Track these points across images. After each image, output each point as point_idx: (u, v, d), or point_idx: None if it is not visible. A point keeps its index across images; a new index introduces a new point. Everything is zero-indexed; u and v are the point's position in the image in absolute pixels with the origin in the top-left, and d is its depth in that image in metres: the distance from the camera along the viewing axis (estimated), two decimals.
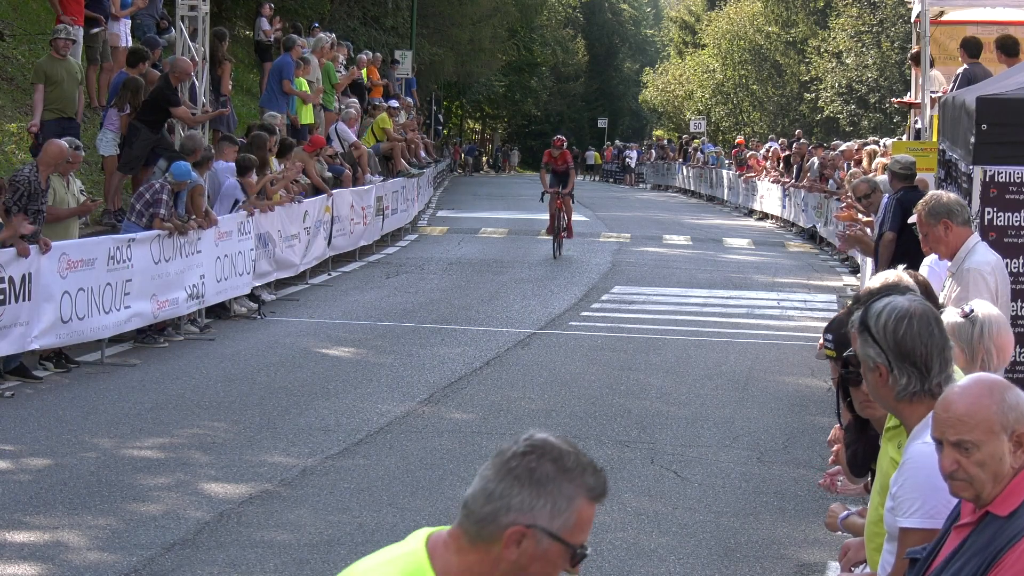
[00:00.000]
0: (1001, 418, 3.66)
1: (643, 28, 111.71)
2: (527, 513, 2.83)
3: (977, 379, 3.81)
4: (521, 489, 2.83)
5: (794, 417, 13.02)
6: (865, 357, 4.35)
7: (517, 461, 2.85)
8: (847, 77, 63.91)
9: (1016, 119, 9.44)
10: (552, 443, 2.88)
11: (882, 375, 4.30)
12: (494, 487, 2.86)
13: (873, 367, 4.33)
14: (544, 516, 2.83)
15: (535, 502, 2.82)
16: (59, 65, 17.55)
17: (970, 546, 3.69)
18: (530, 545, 2.83)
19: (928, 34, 16.86)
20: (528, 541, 2.83)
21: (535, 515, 2.82)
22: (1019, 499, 3.61)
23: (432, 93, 61.50)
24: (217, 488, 10.03)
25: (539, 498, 2.82)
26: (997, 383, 3.76)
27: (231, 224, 17.92)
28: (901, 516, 4.22)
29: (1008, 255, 9.17)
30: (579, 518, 2.85)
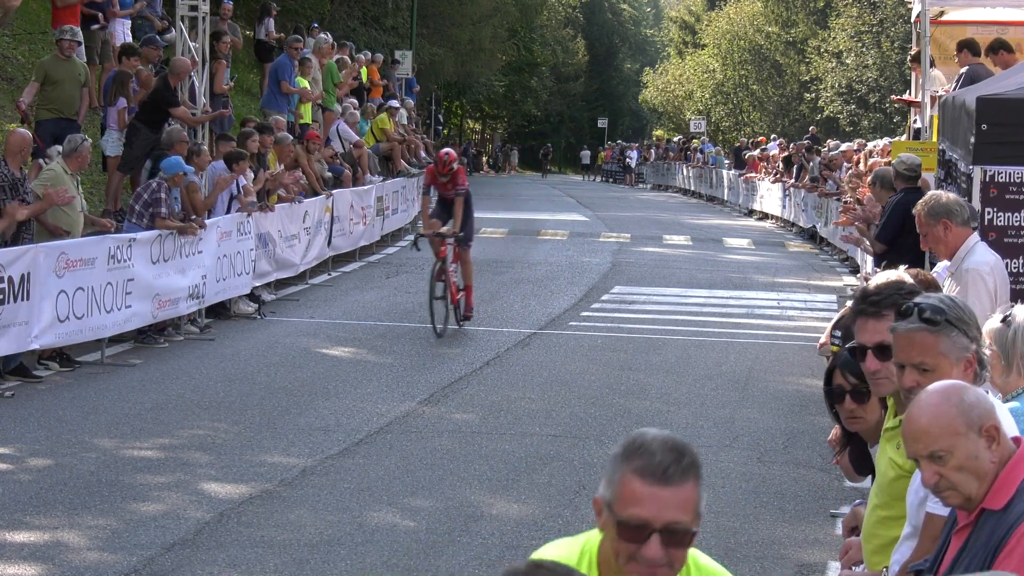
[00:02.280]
0: (964, 419, 3.67)
1: (643, 28, 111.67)
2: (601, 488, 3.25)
3: (932, 389, 3.82)
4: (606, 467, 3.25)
5: (794, 417, 13.02)
6: (955, 350, 4.33)
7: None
8: (847, 77, 63.91)
9: (1016, 119, 9.44)
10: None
11: (971, 364, 4.33)
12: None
13: (963, 358, 4.34)
14: (603, 488, 3.22)
15: (605, 477, 3.23)
16: (62, 65, 17.55)
17: (972, 546, 3.69)
18: (601, 517, 3.23)
19: (928, 34, 16.85)
20: (603, 512, 3.22)
21: (601, 488, 3.23)
22: (1011, 490, 3.62)
23: (432, 93, 61.48)
24: (217, 488, 10.03)
25: (606, 474, 3.23)
26: (952, 387, 3.77)
27: (231, 224, 17.92)
28: (933, 502, 4.21)
29: (1008, 255, 9.17)
30: (625, 491, 3.15)
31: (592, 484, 10.44)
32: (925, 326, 4.34)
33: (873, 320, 4.74)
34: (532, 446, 11.57)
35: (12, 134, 14.10)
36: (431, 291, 16.82)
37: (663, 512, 3.11)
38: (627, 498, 3.13)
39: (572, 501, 9.99)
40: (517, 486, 10.36)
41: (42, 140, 17.36)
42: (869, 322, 4.77)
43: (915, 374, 4.34)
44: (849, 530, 5.60)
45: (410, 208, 31.61)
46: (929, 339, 4.34)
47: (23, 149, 13.88)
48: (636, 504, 3.12)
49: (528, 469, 10.85)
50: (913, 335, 4.35)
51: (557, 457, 11.22)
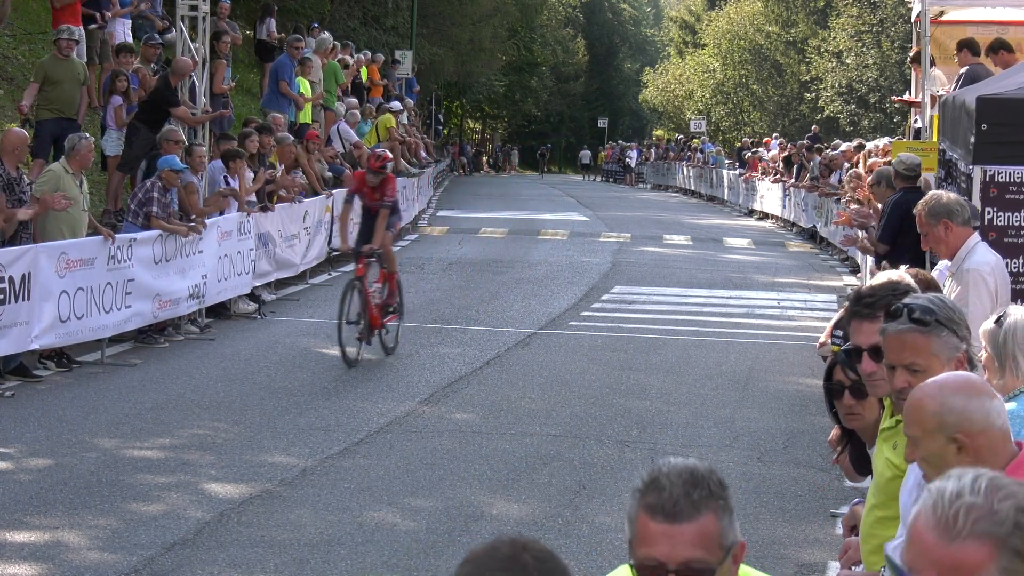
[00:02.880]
0: (938, 419, 3.64)
1: (643, 28, 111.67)
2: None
3: (939, 377, 3.81)
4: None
5: (794, 417, 13.02)
6: (946, 350, 4.32)
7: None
8: (847, 77, 63.93)
9: (1016, 119, 9.44)
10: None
11: (962, 363, 4.31)
12: None
13: (954, 357, 4.33)
14: (627, 525, 3.09)
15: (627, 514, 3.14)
16: (61, 65, 17.54)
17: None
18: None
19: (928, 34, 16.85)
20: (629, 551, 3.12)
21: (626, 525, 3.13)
22: None
23: (432, 93, 61.49)
24: (217, 488, 10.03)
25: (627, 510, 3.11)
26: (950, 383, 3.73)
27: (231, 224, 17.92)
28: None
29: (1008, 255, 9.17)
30: (639, 530, 3.02)
31: (592, 484, 10.44)
32: (915, 326, 4.33)
33: (868, 322, 4.74)
34: (532, 446, 11.57)
35: (8, 133, 14.09)
36: (340, 312, 14.88)
37: (677, 551, 2.93)
38: (640, 538, 2.98)
39: (572, 501, 9.99)
40: (517, 486, 10.36)
41: (42, 140, 17.39)
42: (864, 324, 4.77)
43: (906, 375, 4.34)
44: (848, 529, 5.60)
45: (410, 208, 31.62)
46: (920, 339, 4.33)
47: (18, 148, 13.85)
48: (649, 544, 2.96)
49: (528, 469, 10.85)
50: (904, 336, 4.34)
51: (557, 457, 11.22)
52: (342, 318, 14.80)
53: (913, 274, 5.46)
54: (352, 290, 15.07)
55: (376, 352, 15.45)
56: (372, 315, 15.12)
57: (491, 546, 2.61)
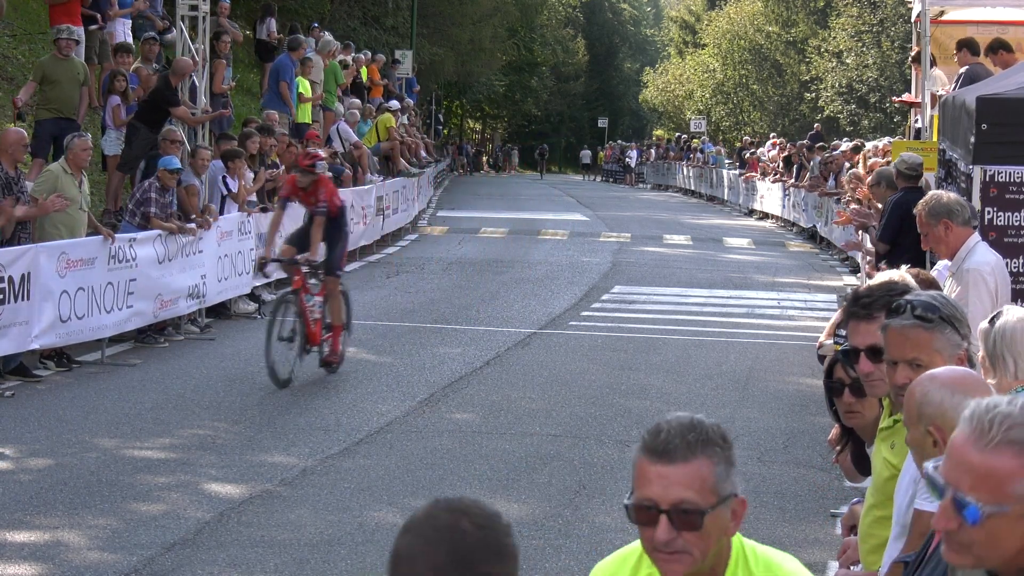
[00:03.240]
0: (918, 409, 3.71)
1: (643, 28, 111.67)
2: None
3: (937, 369, 3.87)
4: None
5: (794, 417, 13.02)
6: (948, 347, 4.34)
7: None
8: (847, 77, 63.93)
9: (1016, 119, 9.44)
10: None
11: (961, 361, 4.32)
12: None
13: (956, 354, 4.34)
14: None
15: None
16: (60, 65, 17.53)
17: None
18: None
19: (928, 34, 16.85)
20: None
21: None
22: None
23: (432, 93, 61.49)
24: (217, 488, 10.03)
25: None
26: (940, 376, 3.78)
27: (231, 224, 17.92)
28: (921, 499, 4.21)
29: (1008, 255, 9.17)
30: (637, 473, 3.08)
31: (592, 484, 10.44)
32: (919, 323, 4.35)
33: (865, 323, 4.75)
34: (532, 446, 11.57)
35: (6, 132, 14.09)
36: (269, 329, 13.45)
37: (669, 491, 3.00)
38: (637, 480, 3.05)
39: (572, 501, 9.99)
40: (517, 486, 10.36)
41: (42, 140, 17.39)
42: (861, 324, 4.77)
43: (908, 370, 4.35)
44: (847, 529, 5.61)
45: (410, 208, 31.63)
46: (924, 335, 4.35)
47: (14, 147, 13.81)
48: (644, 485, 3.03)
49: (528, 469, 10.85)
50: (907, 331, 4.36)
51: (557, 457, 11.22)
52: (271, 334, 13.37)
53: (914, 274, 5.46)
54: (285, 304, 13.85)
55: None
56: (310, 331, 13.86)
57: (429, 514, 2.57)
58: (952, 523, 2.75)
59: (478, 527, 2.49)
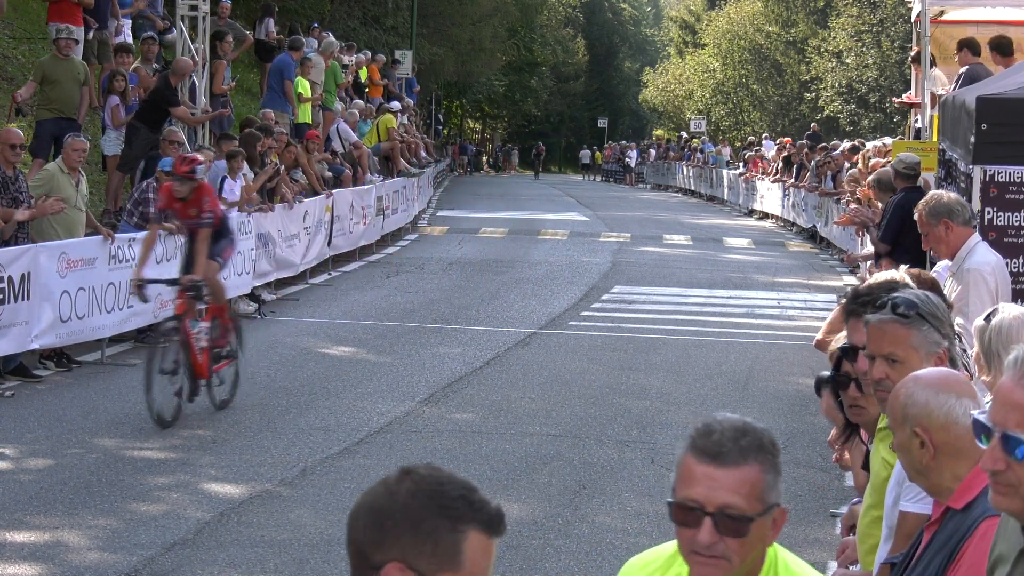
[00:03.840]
0: (903, 410, 3.71)
1: (643, 28, 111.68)
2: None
3: (920, 371, 3.87)
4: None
5: (794, 417, 13.01)
6: (926, 345, 4.34)
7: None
8: (847, 77, 63.94)
9: (1016, 119, 9.45)
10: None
11: (942, 360, 4.32)
12: None
13: (935, 352, 4.34)
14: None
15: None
16: (60, 65, 17.52)
17: (935, 543, 3.72)
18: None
19: (928, 34, 16.85)
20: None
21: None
22: (973, 493, 3.63)
23: (432, 93, 61.49)
24: (217, 488, 10.03)
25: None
26: (924, 377, 3.78)
27: (231, 224, 17.89)
28: (906, 500, 4.21)
29: (1008, 255, 9.17)
30: (682, 472, 3.00)
31: (592, 484, 10.44)
32: (897, 318, 4.38)
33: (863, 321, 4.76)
34: (532, 446, 11.57)
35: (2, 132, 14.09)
36: (150, 360, 11.83)
37: (716, 494, 2.90)
38: (683, 479, 2.95)
39: (572, 501, 9.99)
40: (517, 486, 10.35)
41: (42, 140, 17.37)
42: (859, 323, 4.78)
43: (884, 365, 4.38)
44: (847, 529, 5.61)
45: (410, 208, 31.63)
46: (900, 331, 4.38)
47: (1, 148, 13.74)
48: (690, 485, 2.93)
49: (528, 469, 10.85)
50: (885, 326, 4.40)
51: (557, 457, 11.22)
52: (152, 366, 11.72)
53: (915, 275, 5.46)
54: (167, 332, 12.24)
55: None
56: (196, 362, 12.14)
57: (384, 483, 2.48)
58: (1000, 463, 2.81)
59: (411, 493, 2.41)
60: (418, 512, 2.39)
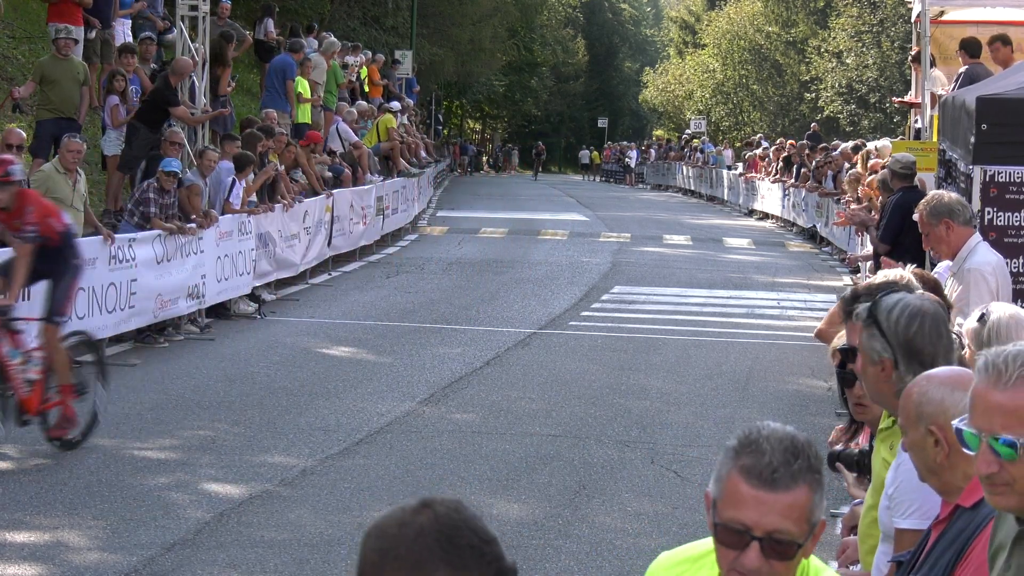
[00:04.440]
0: (916, 409, 3.69)
1: (643, 28, 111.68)
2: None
3: (933, 370, 3.86)
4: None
5: (794, 417, 13.01)
6: (869, 350, 4.33)
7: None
8: (847, 77, 63.94)
9: (1016, 119, 9.45)
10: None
11: (885, 370, 4.29)
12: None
13: (877, 361, 4.31)
14: (712, 483, 2.94)
15: (715, 471, 2.99)
16: (59, 65, 17.50)
17: (944, 540, 3.72)
18: (708, 514, 3.01)
19: (928, 34, 16.85)
20: (710, 510, 3.00)
21: (711, 483, 2.98)
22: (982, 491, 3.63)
23: (432, 93, 61.49)
24: (217, 488, 10.03)
25: (716, 467, 2.97)
26: (938, 375, 3.77)
27: (232, 224, 17.92)
28: (898, 517, 4.21)
29: (1008, 255, 9.17)
30: (729, 491, 2.90)
31: (592, 484, 10.44)
32: (855, 317, 4.44)
33: None
34: (532, 446, 11.57)
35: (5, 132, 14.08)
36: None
37: (766, 519, 2.82)
38: (730, 499, 2.87)
39: (572, 501, 9.99)
40: (517, 486, 10.35)
41: (42, 140, 17.37)
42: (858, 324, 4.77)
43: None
44: (848, 529, 5.61)
45: (410, 208, 31.63)
46: (856, 329, 4.47)
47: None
48: (738, 507, 2.85)
49: (528, 469, 10.85)
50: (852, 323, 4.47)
51: (557, 457, 11.21)
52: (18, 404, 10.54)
53: (917, 275, 5.45)
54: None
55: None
56: (21, 396, 10.60)
57: (400, 510, 2.39)
58: (992, 466, 2.84)
59: (423, 530, 2.33)
60: (423, 552, 2.29)
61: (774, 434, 2.89)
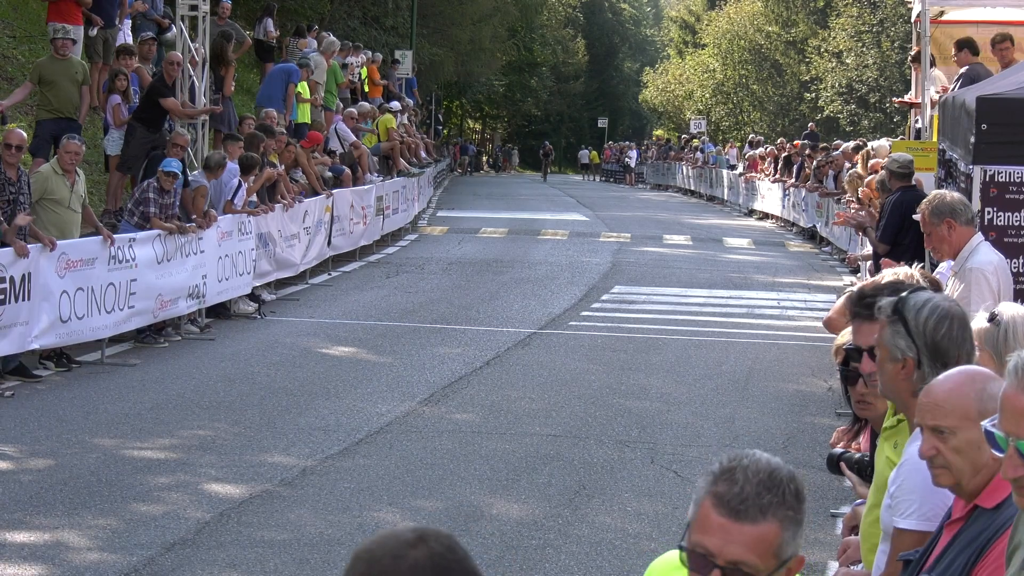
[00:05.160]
0: (979, 406, 3.65)
1: (643, 28, 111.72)
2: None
3: (961, 368, 3.81)
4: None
5: (794, 417, 13.01)
6: (892, 347, 4.29)
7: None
8: (847, 77, 63.97)
9: (1016, 119, 9.44)
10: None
11: (906, 368, 4.26)
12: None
13: (900, 359, 4.28)
14: (691, 505, 2.95)
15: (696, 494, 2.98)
16: (58, 65, 17.46)
17: (961, 540, 3.70)
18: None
19: (928, 34, 16.85)
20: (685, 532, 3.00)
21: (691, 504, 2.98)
22: (1006, 491, 3.61)
23: (432, 93, 61.49)
24: (217, 488, 10.03)
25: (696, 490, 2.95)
26: (980, 373, 3.75)
27: (232, 224, 17.92)
28: (898, 516, 4.20)
29: (1008, 255, 9.16)
30: (699, 515, 2.89)
31: (592, 484, 10.44)
32: (879, 314, 4.42)
33: (867, 323, 4.73)
34: (532, 446, 11.57)
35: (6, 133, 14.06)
36: None
37: (729, 547, 2.81)
38: (700, 523, 2.86)
39: (572, 501, 9.99)
40: (517, 486, 10.35)
41: (42, 140, 17.35)
42: (864, 325, 4.75)
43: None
44: (849, 529, 5.60)
45: (410, 208, 31.63)
46: (877, 327, 4.42)
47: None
48: (705, 532, 2.84)
49: (528, 469, 10.84)
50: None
51: (557, 457, 11.21)
52: None
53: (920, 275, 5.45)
54: None
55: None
56: None
57: (390, 535, 2.38)
58: (1020, 470, 2.85)
59: (416, 565, 2.31)
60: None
61: (754, 464, 2.85)
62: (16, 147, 13.71)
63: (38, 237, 13.76)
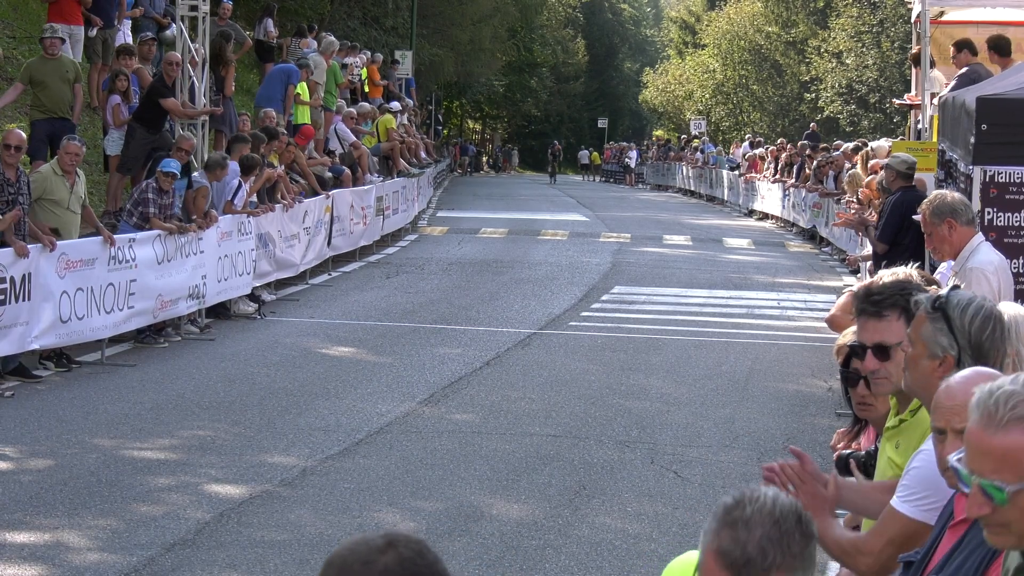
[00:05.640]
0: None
1: (643, 28, 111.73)
2: None
3: (977, 370, 3.78)
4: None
5: (794, 417, 13.01)
6: (932, 343, 4.26)
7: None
8: (847, 77, 63.97)
9: (1016, 119, 9.44)
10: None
11: (943, 365, 4.23)
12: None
13: (940, 356, 4.25)
14: (701, 536, 2.86)
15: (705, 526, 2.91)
16: (48, 65, 17.40)
17: (969, 542, 3.68)
18: None
19: (928, 34, 16.85)
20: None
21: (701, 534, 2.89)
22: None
23: (432, 93, 61.48)
24: (217, 488, 10.03)
25: (707, 522, 2.88)
26: (993, 374, 3.73)
27: (232, 224, 17.91)
28: (900, 499, 4.17)
29: (1008, 255, 9.16)
30: (707, 565, 2.79)
31: (592, 484, 10.44)
32: (922, 311, 4.37)
33: (874, 320, 4.71)
34: (532, 446, 11.57)
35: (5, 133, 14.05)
36: None
37: None
38: (702, 570, 2.78)
39: (572, 501, 9.99)
40: (517, 486, 10.35)
41: (37, 141, 17.31)
42: (870, 322, 4.73)
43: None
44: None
45: (410, 208, 31.63)
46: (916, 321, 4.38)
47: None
48: None
49: (528, 469, 10.84)
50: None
51: (557, 457, 11.21)
52: None
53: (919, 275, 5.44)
54: None
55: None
56: None
57: (361, 541, 2.41)
58: (985, 508, 2.79)
59: (385, 571, 2.34)
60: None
61: (764, 508, 2.71)
62: (15, 147, 13.69)
63: (38, 237, 13.80)
